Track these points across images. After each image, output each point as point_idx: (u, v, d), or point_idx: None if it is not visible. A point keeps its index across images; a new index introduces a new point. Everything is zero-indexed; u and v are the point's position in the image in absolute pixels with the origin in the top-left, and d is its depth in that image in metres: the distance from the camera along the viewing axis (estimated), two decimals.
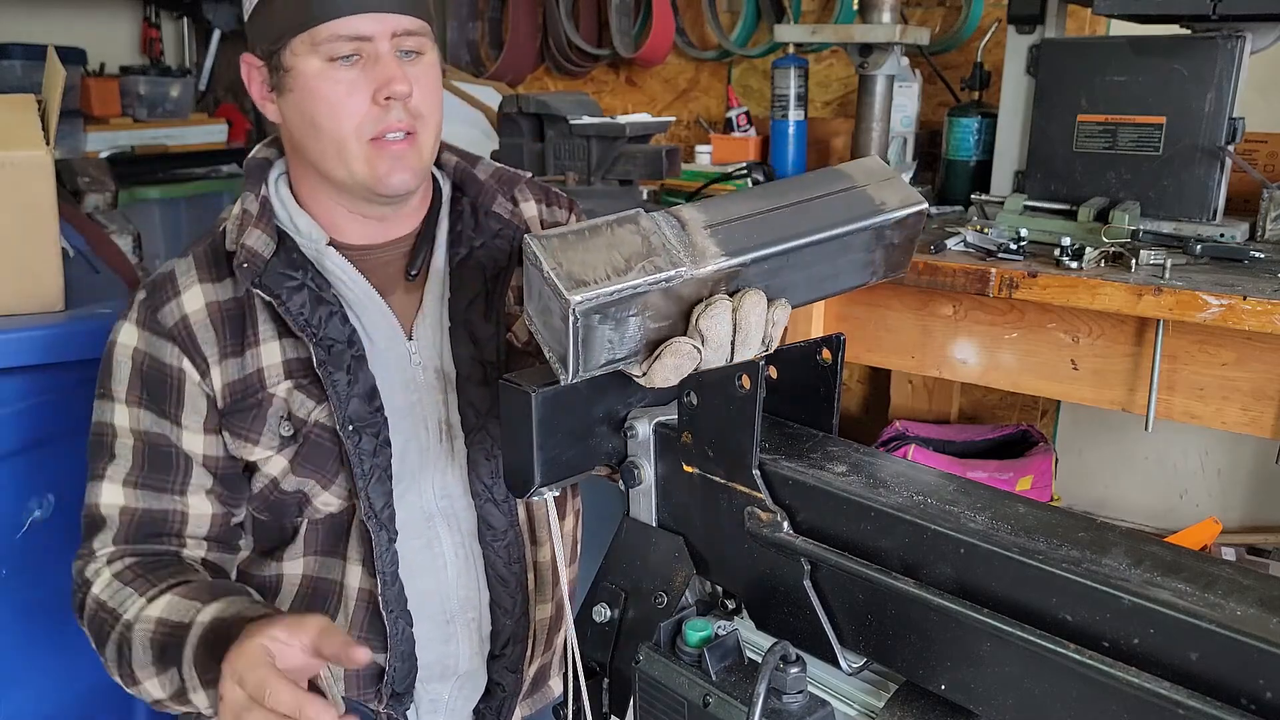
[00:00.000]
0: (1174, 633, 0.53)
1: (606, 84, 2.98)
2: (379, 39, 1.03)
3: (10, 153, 1.33)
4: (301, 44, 1.03)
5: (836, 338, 0.83)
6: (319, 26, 1.01)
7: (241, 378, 1.11)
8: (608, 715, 0.89)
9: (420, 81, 1.06)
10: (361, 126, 1.05)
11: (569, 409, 0.83)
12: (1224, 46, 1.51)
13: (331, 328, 1.10)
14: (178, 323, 1.10)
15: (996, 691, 0.62)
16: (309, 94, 1.04)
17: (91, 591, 1.08)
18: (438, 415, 1.16)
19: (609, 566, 0.89)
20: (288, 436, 1.12)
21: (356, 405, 1.10)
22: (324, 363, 1.08)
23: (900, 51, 1.94)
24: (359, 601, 1.16)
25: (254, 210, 1.11)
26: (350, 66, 1.04)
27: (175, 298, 1.11)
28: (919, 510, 0.67)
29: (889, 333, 1.69)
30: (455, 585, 1.19)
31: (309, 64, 1.04)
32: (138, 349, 1.11)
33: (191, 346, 1.10)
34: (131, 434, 1.11)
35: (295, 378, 1.11)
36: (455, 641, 1.20)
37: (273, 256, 1.09)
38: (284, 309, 1.07)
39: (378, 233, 1.16)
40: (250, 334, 1.11)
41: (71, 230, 1.74)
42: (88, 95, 3.20)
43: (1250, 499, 2.28)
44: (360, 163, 1.06)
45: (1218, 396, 1.44)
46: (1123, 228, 1.51)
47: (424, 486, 1.16)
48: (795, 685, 0.68)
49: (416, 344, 1.15)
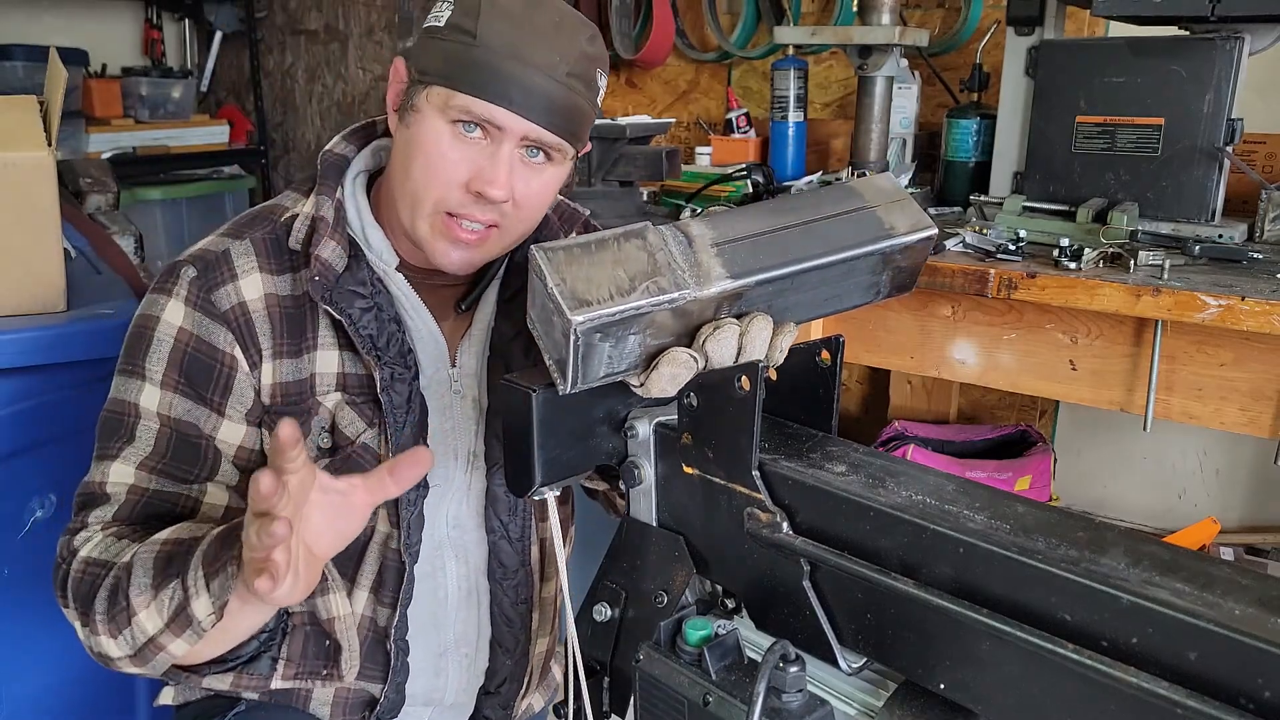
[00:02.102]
0: (1173, 632, 0.53)
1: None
2: (508, 134, 0.97)
3: (12, 154, 1.33)
4: (438, 96, 0.97)
5: (836, 339, 0.83)
6: (463, 96, 0.96)
7: (295, 380, 1.06)
8: (608, 714, 0.89)
9: (530, 188, 1.01)
10: (445, 198, 0.99)
11: (570, 409, 0.83)
12: (1222, 48, 1.52)
13: (394, 351, 1.06)
14: (234, 307, 1.03)
15: (995, 691, 0.62)
16: (420, 144, 0.99)
17: (79, 556, 0.98)
18: (468, 445, 1.13)
19: (609, 566, 0.89)
20: (325, 448, 1.07)
21: (409, 433, 1.07)
22: (387, 387, 1.05)
23: (899, 53, 1.95)
24: (360, 629, 1.12)
25: (329, 217, 1.05)
26: (469, 141, 0.98)
27: (232, 281, 1.04)
28: (918, 510, 0.67)
29: (888, 333, 1.69)
30: (454, 619, 1.16)
31: (435, 119, 0.98)
32: (184, 329, 1.02)
33: (248, 335, 1.03)
34: (159, 418, 1.02)
35: (349, 393, 1.07)
36: (445, 675, 1.18)
37: (345, 271, 1.05)
38: (354, 330, 1.03)
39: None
40: (310, 337, 1.06)
41: (73, 231, 1.74)
42: (89, 96, 3.21)
43: (1249, 499, 2.29)
44: (426, 227, 1.02)
45: (1216, 397, 1.44)
46: (1121, 228, 1.51)
47: (439, 515, 1.13)
48: (795, 684, 0.68)
49: (459, 371, 1.13)
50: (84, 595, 0.96)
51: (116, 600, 0.93)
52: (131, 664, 0.95)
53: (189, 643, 0.91)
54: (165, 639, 0.92)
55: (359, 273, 1.06)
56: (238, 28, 3.62)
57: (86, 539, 0.99)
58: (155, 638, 0.92)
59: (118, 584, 0.93)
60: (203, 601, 0.88)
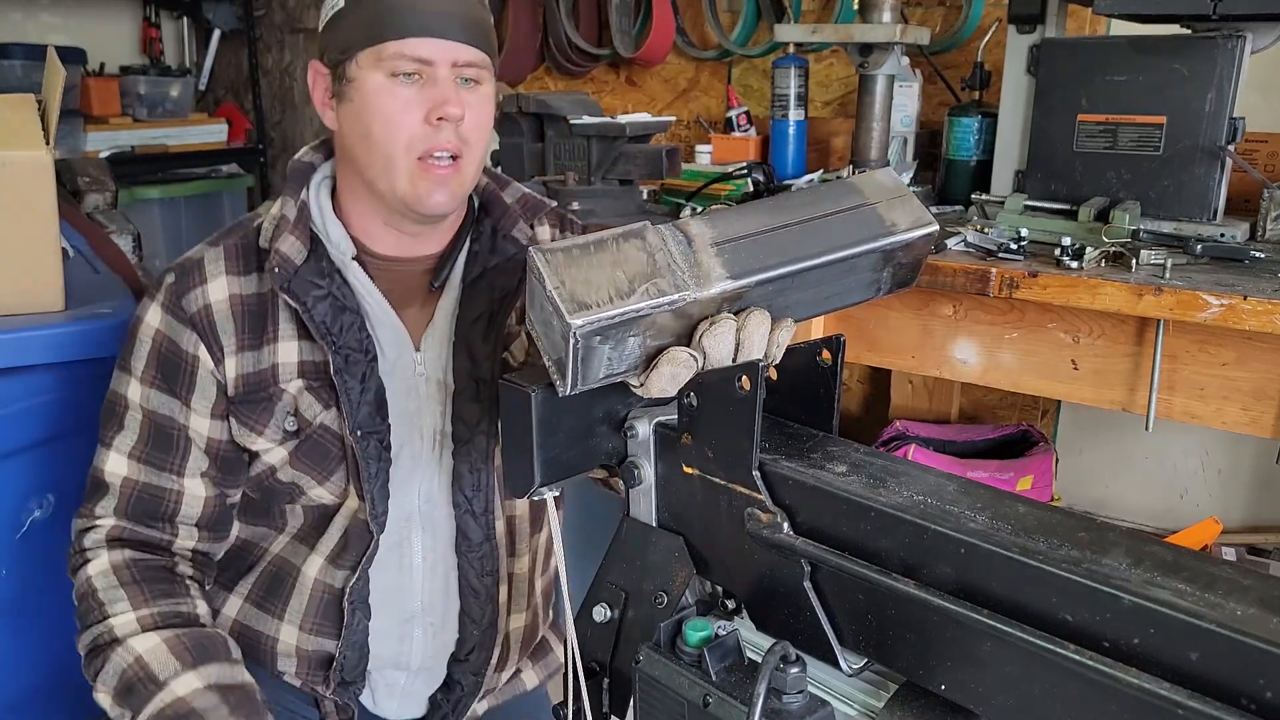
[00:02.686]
0: (1174, 633, 0.53)
1: (607, 84, 2.98)
2: (440, 64, 1.08)
3: (10, 153, 1.33)
4: (368, 58, 1.07)
5: (836, 338, 0.83)
6: (386, 44, 1.06)
7: (255, 371, 1.15)
8: (608, 715, 0.89)
9: (473, 109, 1.10)
10: (412, 143, 1.08)
11: (569, 409, 0.83)
12: (1224, 46, 1.51)
13: (350, 337, 1.14)
14: (200, 310, 1.14)
15: (996, 691, 0.62)
16: (367, 105, 1.08)
17: (87, 570, 1.14)
18: (434, 425, 1.19)
19: (609, 566, 0.89)
20: (291, 432, 1.16)
21: (366, 412, 1.14)
22: (340, 370, 1.12)
23: (900, 51, 1.94)
24: (314, 592, 1.21)
25: (291, 216, 1.14)
26: (410, 85, 1.08)
27: (200, 285, 1.14)
28: (919, 510, 0.67)
29: (889, 333, 1.69)
30: (419, 588, 1.22)
31: (372, 77, 1.08)
32: (159, 331, 1.15)
33: (210, 335, 1.14)
34: (141, 410, 1.16)
35: (307, 379, 1.15)
36: (410, 640, 1.24)
37: (303, 263, 1.13)
38: (308, 316, 1.11)
39: (409, 247, 1.19)
40: (270, 330, 1.15)
41: (71, 230, 1.74)
42: (88, 95, 3.21)
43: (1250, 499, 2.28)
44: (404, 179, 1.09)
45: (1218, 396, 1.44)
46: (1123, 227, 1.51)
47: (409, 490, 1.19)
48: (795, 685, 0.67)
49: (423, 355, 1.19)
50: (80, 615, 1.14)
51: (92, 663, 1.11)
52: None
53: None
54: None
55: (318, 264, 1.14)
56: (236, 26, 3.62)
57: (95, 548, 1.15)
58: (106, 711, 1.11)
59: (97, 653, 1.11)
60: None
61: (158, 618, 1.11)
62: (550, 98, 2.03)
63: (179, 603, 1.14)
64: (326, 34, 1.12)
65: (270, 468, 1.17)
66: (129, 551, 1.15)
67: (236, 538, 1.25)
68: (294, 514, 1.21)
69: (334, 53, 1.10)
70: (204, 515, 1.18)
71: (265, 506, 1.22)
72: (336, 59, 1.10)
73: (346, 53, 1.09)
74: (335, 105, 1.13)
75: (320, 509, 1.20)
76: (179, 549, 1.18)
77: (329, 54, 1.12)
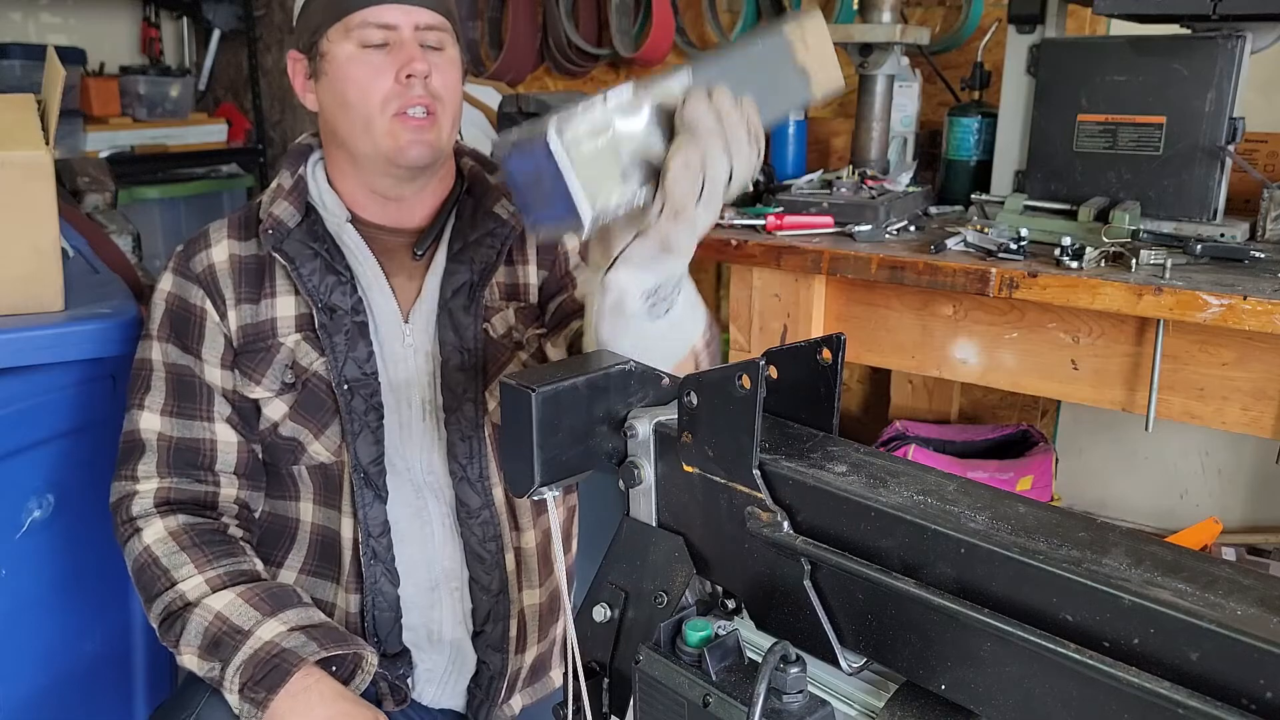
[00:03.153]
0: (1174, 633, 0.53)
1: (606, 84, 2.97)
2: (404, 28, 1.17)
3: (10, 153, 1.33)
4: (336, 32, 1.17)
5: (836, 337, 0.83)
6: (352, 15, 1.16)
7: (254, 322, 1.24)
8: (608, 715, 0.89)
9: (439, 68, 1.19)
10: (386, 101, 1.16)
11: (569, 408, 0.83)
12: (1224, 46, 1.51)
13: (337, 295, 1.22)
14: (205, 269, 1.25)
15: (996, 691, 0.62)
16: (341, 74, 1.17)
17: (143, 539, 1.19)
18: (422, 395, 1.26)
19: (609, 566, 0.89)
20: (289, 383, 1.24)
21: (352, 367, 1.22)
22: (324, 325, 1.22)
23: (900, 51, 1.94)
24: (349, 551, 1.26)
25: (287, 185, 1.25)
26: (378, 51, 1.16)
27: (206, 249, 1.26)
28: (919, 510, 0.67)
29: (889, 333, 1.69)
30: (440, 555, 1.29)
31: (343, 49, 1.17)
32: (170, 292, 1.26)
33: (214, 289, 1.24)
34: (163, 366, 1.24)
35: (304, 331, 1.24)
36: (439, 608, 1.30)
37: (297, 227, 1.22)
38: (295, 273, 1.21)
39: (394, 216, 1.27)
40: (268, 287, 1.24)
41: (71, 230, 1.74)
42: (87, 95, 3.21)
43: (1250, 499, 2.28)
44: (384, 135, 1.17)
45: (1218, 396, 1.44)
46: (1123, 227, 1.51)
47: (412, 461, 1.26)
48: (795, 685, 0.67)
49: (411, 327, 1.26)
50: (144, 587, 1.18)
51: (171, 630, 1.15)
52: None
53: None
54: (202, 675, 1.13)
55: (312, 229, 1.23)
56: (236, 26, 3.62)
57: (145, 516, 1.20)
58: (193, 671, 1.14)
59: (175, 619, 1.14)
60: (234, 698, 1.10)
61: (225, 577, 1.16)
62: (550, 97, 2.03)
63: (240, 561, 1.19)
64: (300, 22, 1.22)
65: (273, 424, 1.24)
66: (182, 516, 1.20)
67: (263, 512, 1.30)
68: (302, 479, 1.27)
69: (306, 36, 1.20)
70: (239, 462, 1.25)
71: (275, 471, 1.28)
72: (309, 41, 1.20)
73: (317, 32, 1.18)
74: (314, 86, 1.22)
75: (322, 470, 1.26)
76: (224, 504, 1.24)
77: (303, 39, 1.21)
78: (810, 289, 1.69)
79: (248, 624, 1.11)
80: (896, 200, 1.76)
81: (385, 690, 1.27)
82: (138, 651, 1.67)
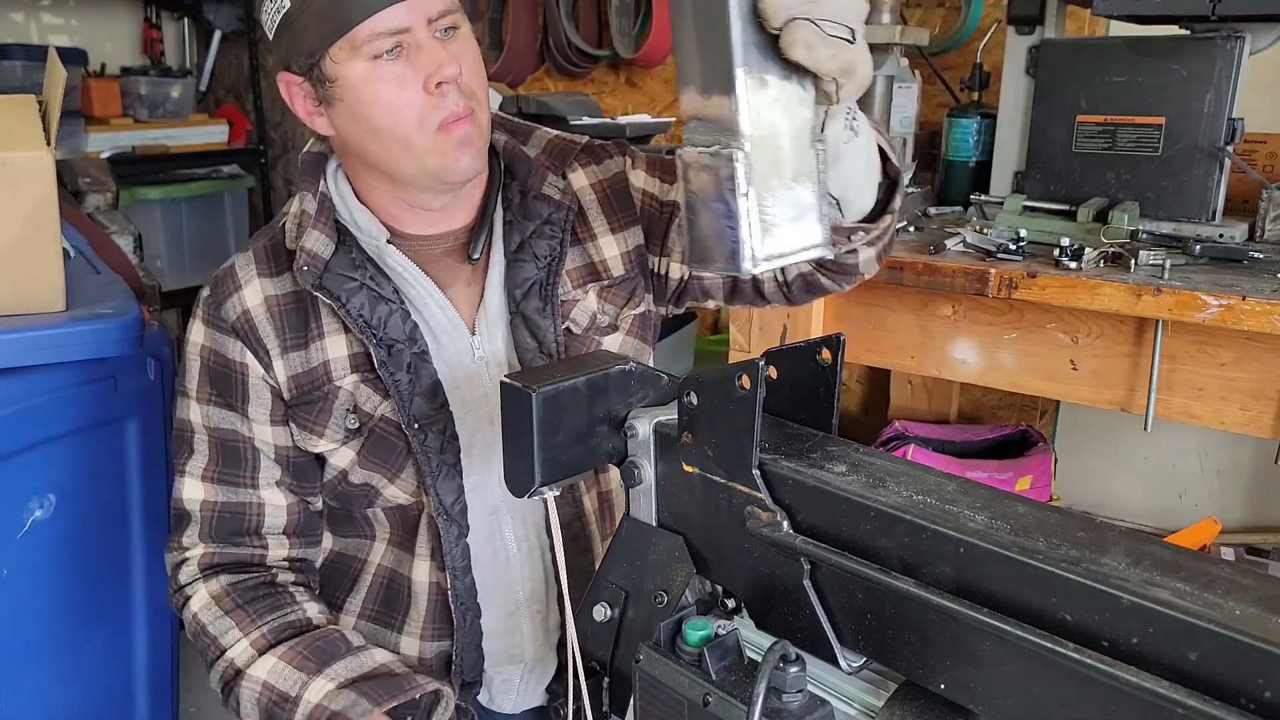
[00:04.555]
0: (1173, 632, 0.53)
1: (607, 84, 2.98)
2: (417, 27, 1.00)
3: (11, 153, 1.33)
4: (341, 50, 1.00)
5: (836, 337, 0.83)
6: (357, 29, 0.98)
7: (306, 370, 1.11)
8: (608, 715, 0.89)
9: (464, 57, 1.03)
10: (423, 118, 1.02)
11: (569, 408, 0.83)
12: (1223, 47, 1.52)
13: (392, 327, 1.09)
14: (239, 317, 1.11)
15: (996, 691, 0.62)
16: (361, 99, 1.02)
17: (190, 608, 1.13)
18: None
19: (609, 566, 0.89)
20: (353, 429, 1.12)
21: (420, 403, 1.10)
22: (384, 363, 1.08)
23: (900, 52, 1.94)
24: (429, 596, 1.17)
25: (312, 210, 1.10)
26: (396, 60, 1.00)
27: (236, 292, 1.12)
28: (918, 510, 0.67)
29: (889, 333, 1.69)
30: (520, 578, 1.20)
31: (354, 69, 1.00)
32: (205, 346, 1.13)
33: (254, 340, 1.11)
34: (205, 430, 1.14)
35: (361, 372, 1.11)
36: (519, 633, 1.22)
37: (333, 257, 1.09)
38: (344, 311, 1.08)
39: (438, 223, 1.13)
40: (314, 327, 1.11)
41: (72, 230, 1.74)
42: (89, 96, 3.21)
43: (1249, 499, 2.29)
44: (429, 154, 1.03)
45: (1217, 396, 1.44)
46: (1122, 228, 1.51)
47: (490, 481, 1.15)
48: (795, 684, 0.68)
49: (480, 339, 1.14)
50: (200, 652, 1.13)
51: (229, 698, 1.10)
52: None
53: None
54: None
55: (349, 256, 1.10)
56: (237, 27, 3.62)
57: (191, 583, 1.14)
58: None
59: (229, 691, 1.09)
60: None
61: (269, 635, 1.10)
62: (550, 99, 2.03)
63: (286, 613, 1.12)
64: (282, 41, 1.03)
65: (341, 472, 1.14)
66: (225, 576, 1.14)
67: (330, 551, 1.23)
68: (378, 520, 1.18)
69: (302, 58, 1.02)
70: (290, 523, 1.16)
71: (348, 514, 1.20)
72: (307, 64, 1.02)
73: (315, 54, 1.01)
74: (324, 110, 1.06)
75: (400, 510, 1.16)
76: (273, 560, 1.17)
77: (296, 61, 1.03)
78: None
79: (294, 689, 1.05)
80: None
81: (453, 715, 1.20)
82: (139, 651, 1.67)
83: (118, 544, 1.61)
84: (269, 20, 1.03)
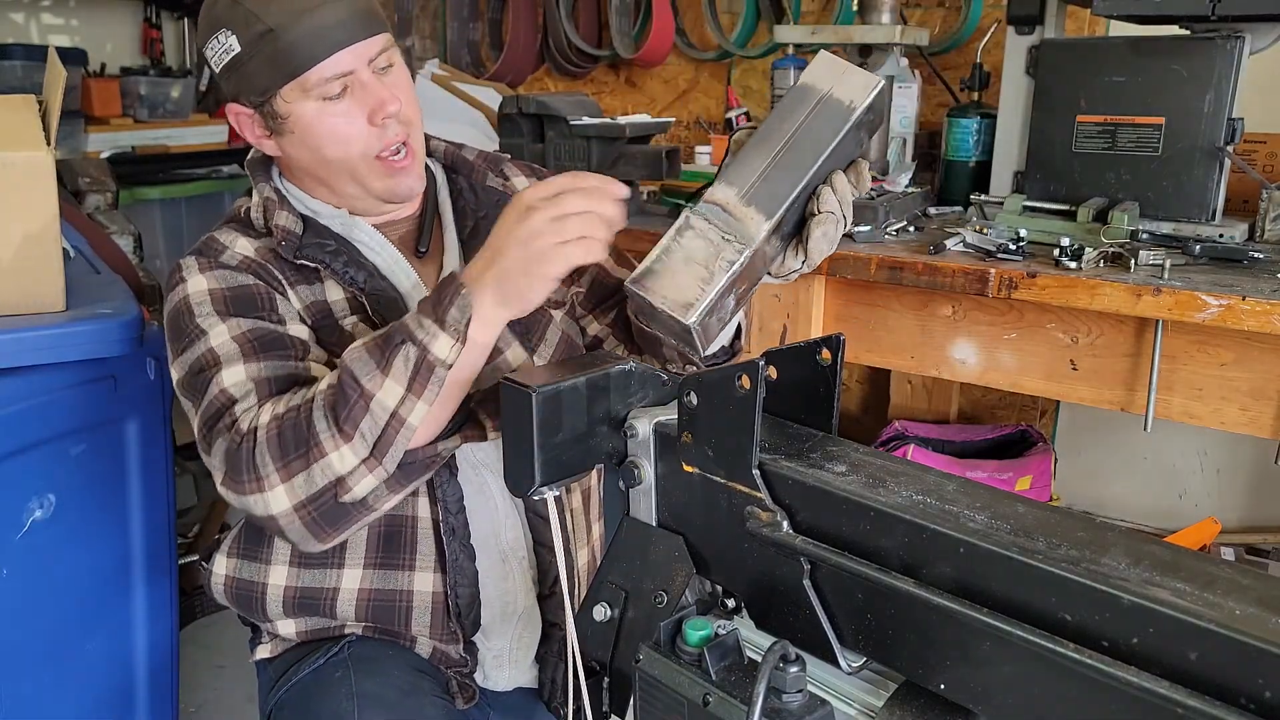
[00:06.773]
0: (1173, 632, 0.53)
1: (606, 85, 2.98)
2: (360, 69, 1.13)
3: (11, 153, 1.33)
4: (292, 91, 1.12)
5: (836, 338, 0.83)
6: (307, 74, 1.10)
7: (315, 302, 1.18)
8: (608, 714, 0.89)
9: (400, 89, 1.16)
10: (367, 147, 1.15)
11: (569, 408, 0.83)
12: (1223, 47, 1.52)
13: (374, 283, 1.19)
14: (244, 259, 1.17)
15: (995, 690, 0.62)
16: (311, 132, 1.14)
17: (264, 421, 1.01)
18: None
19: (609, 565, 0.89)
20: None
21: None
22: (377, 310, 1.17)
23: (900, 52, 1.95)
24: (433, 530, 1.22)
25: (275, 196, 1.20)
26: (342, 99, 1.13)
27: (230, 246, 1.18)
28: (918, 510, 0.67)
29: (888, 333, 1.69)
30: (505, 526, 1.27)
31: (305, 107, 1.12)
32: (214, 288, 1.13)
33: (265, 273, 1.16)
34: (234, 339, 1.09)
35: (359, 314, 1.19)
36: (512, 578, 1.28)
37: (304, 234, 1.18)
38: (329, 270, 1.17)
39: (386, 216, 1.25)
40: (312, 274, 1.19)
41: (72, 230, 1.74)
42: (88, 96, 3.21)
43: (1249, 499, 2.29)
44: (374, 179, 1.17)
45: (1216, 396, 1.44)
46: (1122, 228, 1.51)
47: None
48: (795, 684, 0.68)
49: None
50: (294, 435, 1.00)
51: (345, 397, 0.98)
52: (368, 468, 1.00)
53: (428, 402, 0.99)
54: (407, 407, 0.99)
55: (315, 235, 1.19)
56: None
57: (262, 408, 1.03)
58: (397, 410, 0.99)
59: (340, 389, 0.99)
60: (441, 341, 0.98)
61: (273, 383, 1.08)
62: (550, 99, 2.03)
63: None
64: (232, 77, 1.13)
65: None
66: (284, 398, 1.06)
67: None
68: None
69: (253, 95, 1.13)
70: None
71: None
72: (259, 100, 1.13)
73: (266, 93, 1.12)
74: (272, 137, 1.17)
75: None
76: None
77: (246, 96, 1.14)
78: (810, 289, 1.69)
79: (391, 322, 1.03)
80: (896, 201, 1.76)
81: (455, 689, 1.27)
82: (139, 651, 1.68)
83: (118, 544, 1.61)
84: (215, 58, 1.14)
